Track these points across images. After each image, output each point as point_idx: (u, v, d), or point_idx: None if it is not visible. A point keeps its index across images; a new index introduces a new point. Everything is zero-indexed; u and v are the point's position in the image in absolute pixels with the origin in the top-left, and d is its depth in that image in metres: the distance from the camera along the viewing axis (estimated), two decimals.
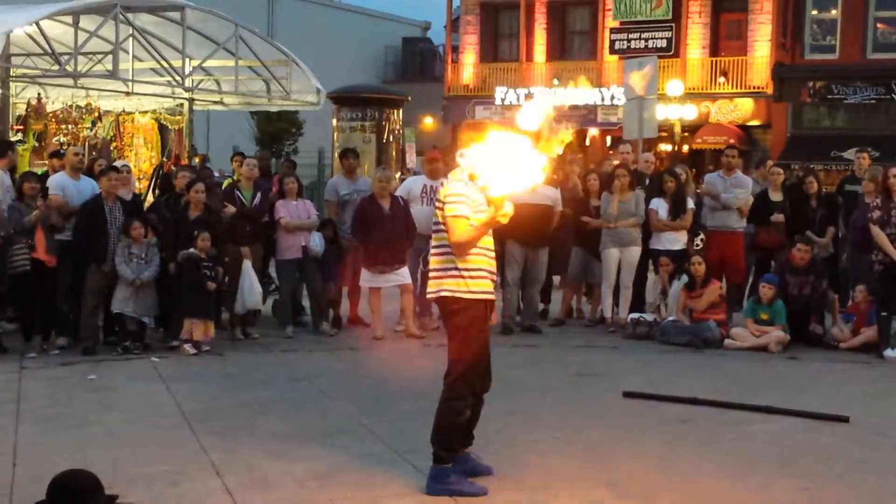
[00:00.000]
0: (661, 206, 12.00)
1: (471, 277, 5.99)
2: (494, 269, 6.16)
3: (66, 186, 10.77)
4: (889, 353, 10.60)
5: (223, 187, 12.63)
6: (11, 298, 10.42)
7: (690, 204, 12.10)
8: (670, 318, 11.56)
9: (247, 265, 11.15)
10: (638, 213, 11.95)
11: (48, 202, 10.32)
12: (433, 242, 6.14)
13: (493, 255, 6.14)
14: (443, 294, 6.03)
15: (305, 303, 12.23)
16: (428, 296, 6.20)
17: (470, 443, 6.27)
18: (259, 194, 11.53)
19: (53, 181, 10.83)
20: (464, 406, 6.04)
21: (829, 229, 12.33)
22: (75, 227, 10.45)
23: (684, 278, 11.58)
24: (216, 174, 15.16)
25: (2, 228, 10.05)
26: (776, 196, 12.56)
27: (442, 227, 6.02)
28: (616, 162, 14.28)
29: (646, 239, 12.15)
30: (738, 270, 12.54)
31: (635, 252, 12.05)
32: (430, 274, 6.15)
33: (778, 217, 12.34)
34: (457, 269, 5.97)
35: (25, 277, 10.10)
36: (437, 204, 6.11)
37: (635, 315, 11.89)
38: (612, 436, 7.38)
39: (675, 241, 12.02)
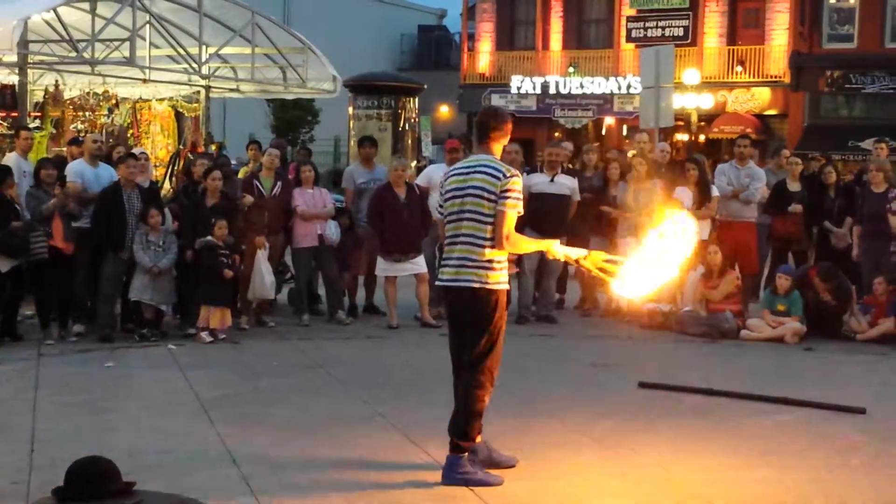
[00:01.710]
0: (684, 196, 11.93)
1: (497, 269, 6.03)
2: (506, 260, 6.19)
3: (85, 173, 10.81)
4: None
5: (238, 175, 12.65)
6: (30, 286, 10.43)
7: (715, 191, 12.04)
8: (686, 309, 11.54)
9: (260, 255, 11.13)
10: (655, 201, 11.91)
11: (65, 190, 10.36)
12: (464, 230, 6.04)
13: None
14: (472, 285, 6.01)
15: (321, 291, 12.26)
16: (451, 284, 6.13)
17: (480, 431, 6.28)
18: (280, 184, 11.53)
19: (72, 168, 10.86)
20: (486, 395, 6.08)
21: (847, 220, 12.27)
22: (94, 214, 10.48)
23: (701, 268, 11.55)
24: (233, 162, 15.18)
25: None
26: (794, 186, 12.52)
27: (485, 217, 5.98)
28: (632, 151, 14.24)
29: None
30: (751, 261, 12.48)
31: None
32: (452, 262, 6.09)
33: (796, 207, 12.30)
34: (488, 260, 5.99)
35: (43, 265, 10.14)
36: (483, 195, 5.99)
37: (651, 305, 11.86)
38: (627, 426, 7.38)
39: (700, 229, 11.94)
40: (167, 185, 14.36)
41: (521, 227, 9.99)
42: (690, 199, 11.90)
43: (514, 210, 5.96)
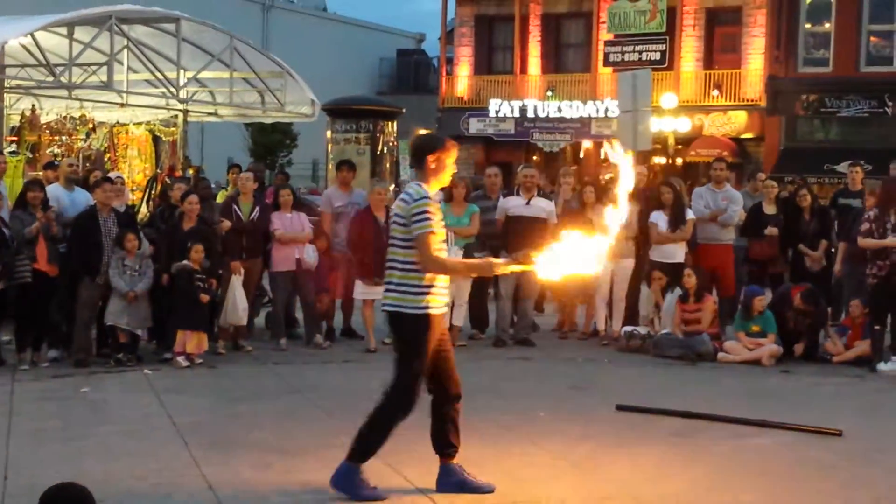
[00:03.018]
0: (660, 219, 11.99)
1: (427, 293, 6.07)
2: (448, 284, 6.23)
3: (60, 198, 10.78)
4: (882, 366, 10.61)
5: (216, 199, 12.62)
6: (13, 310, 10.35)
7: (690, 214, 12.10)
8: (664, 331, 11.56)
9: (234, 280, 11.10)
10: (630, 225, 11.95)
11: (48, 213, 10.30)
12: (390, 256, 6.21)
13: None
14: (395, 310, 6.12)
15: (299, 315, 12.23)
16: (384, 309, 6.29)
17: (452, 453, 6.28)
18: (258, 208, 11.51)
19: (48, 192, 10.81)
20: (403, 416, 6.14)
21: (822, 242, 12.35)
22: (69, 238, 10.43)
23: (678, 291, 11.58)
24: (212, 185, 15.16)
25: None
26: (770, 209, 12.59)
27: (401, 242, 6.09)
28: (609, 174, 14.30)
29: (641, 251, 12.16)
30: (729, 283, 12.52)
31: (628, 264, 12.07)
32: (387, 287, 6.21)
33: (772, 231, 12.36)
34: (414, 284, 6.06)
35: (25, 289, 10.08)
36: (398, 220, 6.14)
37: (629, 328, 11.90)
38: (605, 449, 7.38)
39: (675, 253, 12.00)
40: (144, 209, 14.32)
41: (497, 249, 10.09)
42: (666, 222, 11.96)
43: (424, 231, 5.98)
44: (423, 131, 39.26)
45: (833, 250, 12.51)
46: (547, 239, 11.73)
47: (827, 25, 31.46)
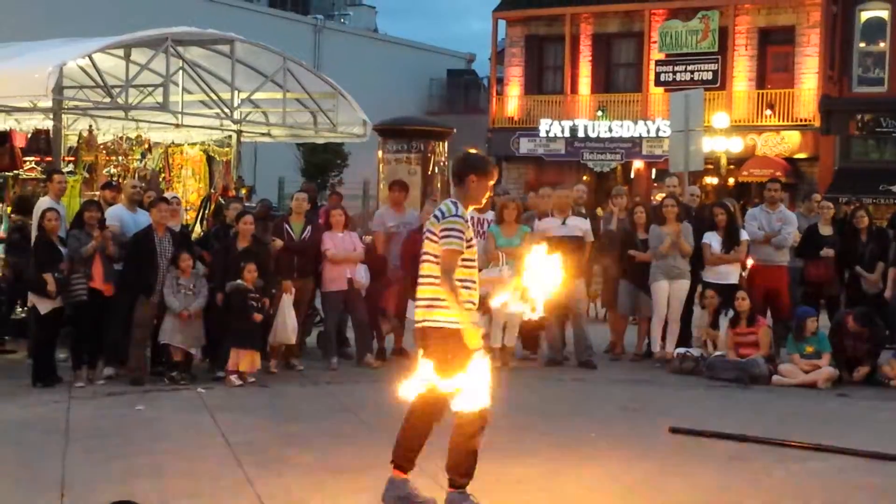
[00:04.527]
0: (713, 240, 11.90)
1: (448, 307, 6.06)
2: (477, 300, 6.24)
3: (124, 218, 10.95)
4: None
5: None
6: (69, 328, 10.49)
7: (744, 235, 12.00)
8: (717, 353, 11.45)
9: (285, 299, 11.15)
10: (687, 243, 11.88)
11: (105, 232, 10.44)
12: (423, 272, 6.23)
13: (475, 286, 6.23)
14: (435, 325, 6.11)
15: (350, 334, 12.26)
16: (416, 325, 6.30)
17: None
18: (310, 228, 11.58)
19: (111, 213, 10.98)
20: (480, 435, 6.19)
21: (879, 264, 12.18)
22: (126, 258, 10.56)
23: (731, 313, 11.47)
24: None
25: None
26: (826, 230, 12.45)
27: (434, 259, 6.12)
28: (662, 195, 14.23)
29: (694, 272, 12.08)
30: (784, 305, 12.36)
31: (684, 285, 11.98)
32: (418, 303, 6.24)
33: (828, 252, 12.22)
34: (444, 298, 6.07)
35: (81, 307, 10.21)
36: (430, 236, 6.18)
37: (682, 350, 11.80)
38: (658, 472, 7.32)
39: (729, 274, 11.90)
40: (198, 228, 14.45)
41: None
42: (719, 243, 11.86)
43: (449, 247, 6.03)
44: (471, 150, 39.27)
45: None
46: (584, 257, 11.86)
47: (882, 45, 31.18)
